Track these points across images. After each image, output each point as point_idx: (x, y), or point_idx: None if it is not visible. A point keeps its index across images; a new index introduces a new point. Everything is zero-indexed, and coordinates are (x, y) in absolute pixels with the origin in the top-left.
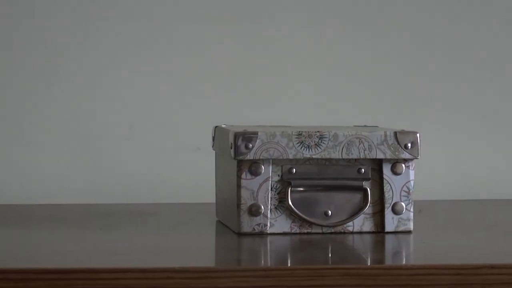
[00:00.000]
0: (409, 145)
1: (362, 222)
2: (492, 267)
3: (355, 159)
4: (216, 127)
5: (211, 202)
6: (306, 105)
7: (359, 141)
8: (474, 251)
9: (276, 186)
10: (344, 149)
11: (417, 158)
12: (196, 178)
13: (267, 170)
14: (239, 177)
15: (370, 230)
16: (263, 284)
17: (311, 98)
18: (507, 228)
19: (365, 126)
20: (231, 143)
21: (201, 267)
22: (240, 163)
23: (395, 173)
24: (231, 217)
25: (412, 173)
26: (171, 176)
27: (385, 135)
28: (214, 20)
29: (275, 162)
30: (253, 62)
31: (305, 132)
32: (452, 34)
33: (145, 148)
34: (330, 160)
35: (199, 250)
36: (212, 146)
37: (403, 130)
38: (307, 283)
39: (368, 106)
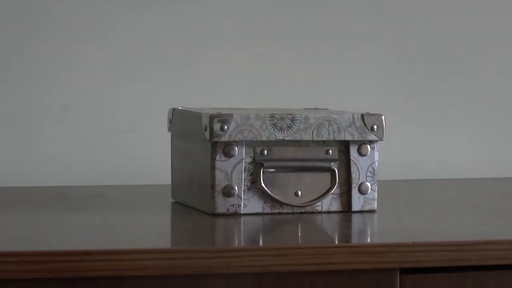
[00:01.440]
0: (375, 127)
1: (330, 202)
2: (488, 243)
3: (323, 141)
4: (173, 109)
5: (156, 184)
6: (239, 87)
7: (329, 123)
8: (444, 228)
9: (248, 168)
10: (315, 131)
11: (382, 140)
12: (136, 160)
13: (240, 152)
14: (213, 159)
15: (338, 210)
16: (275, 262)
17: (245, 80)
18: (464, 204)
19: (315, 108)
20: (206, 125)
21: (218, 248)
22: (214, 145)
23: (361, 154)
24: (201, 198)
25: (377, 154)
26: (110, 159)
27: (353, 118)
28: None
29: (248, 144)
30: (189, 43)
31: (278, 114)
32: (409, 13)
33: (82, 130)
34: (299, 142)
35: (181, 231)
36: (168, 129)
37: (369, 112)
38: (315, 261)
39: (316, 88)
